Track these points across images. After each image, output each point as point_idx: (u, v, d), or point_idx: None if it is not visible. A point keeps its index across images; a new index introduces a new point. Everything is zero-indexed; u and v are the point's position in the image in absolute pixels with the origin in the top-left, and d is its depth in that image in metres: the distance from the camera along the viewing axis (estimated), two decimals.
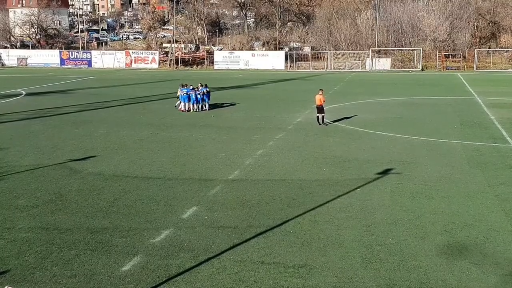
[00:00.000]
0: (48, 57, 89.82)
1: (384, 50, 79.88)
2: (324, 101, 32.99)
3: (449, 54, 78.51)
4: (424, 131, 30.64)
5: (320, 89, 33.60)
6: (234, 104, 42.54)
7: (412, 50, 78.56)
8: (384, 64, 77.08)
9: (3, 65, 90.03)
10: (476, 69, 74.11)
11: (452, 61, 77.51)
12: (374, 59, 77.26)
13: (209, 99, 39.17)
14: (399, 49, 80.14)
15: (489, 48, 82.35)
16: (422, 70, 75.32)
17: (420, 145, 27.55)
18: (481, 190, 19.64)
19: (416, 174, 21.80)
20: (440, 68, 75.92)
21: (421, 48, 77.55)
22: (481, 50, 79.09)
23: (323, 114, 32.93)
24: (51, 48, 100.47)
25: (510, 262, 13.62)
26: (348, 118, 35.40)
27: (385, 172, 21.97)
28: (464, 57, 77.19)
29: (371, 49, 78.48)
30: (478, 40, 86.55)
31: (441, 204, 18.08)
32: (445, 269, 13.24)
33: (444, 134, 29.84)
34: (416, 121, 34.23)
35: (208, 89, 39.40)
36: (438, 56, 77.44)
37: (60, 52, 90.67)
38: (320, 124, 32.65)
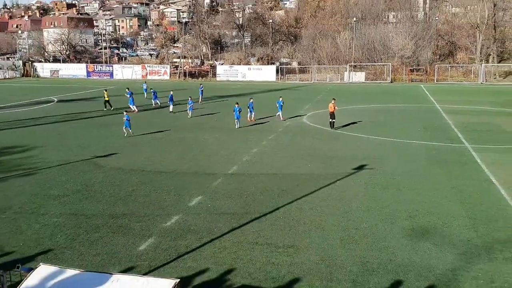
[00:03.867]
0: (76, 70, 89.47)
1: (359, 65, 79.83)
2: (336, 108, 32.39)
3: (413, 69, 78.47)
4: (393, 134, 30.66)
5: (333, 98, 33.32)
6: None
7: (383, 65, 78.49)
8: (359, 76, 77.02)
9: (38, 76, 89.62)
10: (436, 81, 74.11)
11: (416, 75, 77.43)
12: (351, 72, 77.19)
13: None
14: (372, 64, 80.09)
15: (448, 63, 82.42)
16: (391, 82, 75.29)
17: (390, 145, 27.58)
18: (440, 183, 19.68)
19: (386, 169, 21.83)
20: (406, 81, 75.87)
21: (390, 63, 77.49)
22: (441, 65, 79.03)
23: (334, 120, 32.38)
24: (79, 62, 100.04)
25: (464, 243, 13.67)
26: (328, 122, 35.33)
27: (360, 167, 22.00)
28: (426, 71, 77.15)
29: (348, 64, 78.39)
30: (438, 57, 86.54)
31: (407, 195, 18.14)
32: (410, 249, 13.28)
33: (410, 136, 29.86)
34: (386, 125, 34.24)
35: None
36: (405, 70, 77.37)
37: (86, 66, 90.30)
38: (332, 128, 32.12)
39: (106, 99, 44.31)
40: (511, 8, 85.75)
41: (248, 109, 35.76)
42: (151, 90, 48.19)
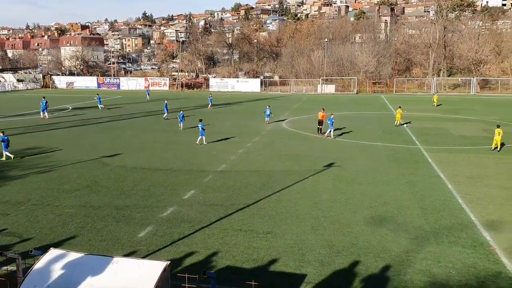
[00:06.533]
0: (89, 82, 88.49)
1: (330, 78, 79.99)
2: (324, 117, 32.13)
3: (376, 82, 78.85)
4: (358, 136, 30.81)
5: (322, 108, 33.31)
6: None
7: (350, 78, 78.74)
8: (330, 88, 77.20)
9: (56, 87, 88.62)
10: (395, 92, 74.54)
11: (378, 87, 77.79)
12: (323, 85, 77.40)
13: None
14: (341, 78, 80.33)
15: (405, 77, 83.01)
16: (357, 93, 75.61)
17: (355, 146, 27.71)
18: (396, 178, 19.81)
19: (351, 167, 21.93)
20: (369, 92, 76.23)
21: (356, 77, 77.76)
22: (399, 78, 79.51)
23: (321, 127, 32.13)
24: (91, 75, 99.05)
25: (415, 229, 13.76)
26: (304, 127, 35.48)
27: (329, 165, 22.07)
28: (387, 84, 77.59)
29: (321, 77, 78.58)
30: (396, 71, 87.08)
31: (368, 188, 18.23)
32: (370, 234, 13.34)
33: (372, 139, 30.03)
34: (352, 129, 34.30)
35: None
36: (368, 83, 77.66)
37: (97, 78, 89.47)
38: (319, 134, 31.81)
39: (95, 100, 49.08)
40: (459, 30, 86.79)
41: (265, 114, 37.47)
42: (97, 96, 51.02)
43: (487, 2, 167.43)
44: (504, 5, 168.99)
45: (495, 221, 14.42)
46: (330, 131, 30.01)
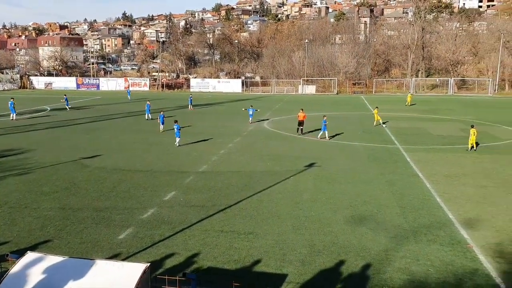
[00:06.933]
0: (67, 83, 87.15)
1: (311, 79, 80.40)
2: (305, 117, 32.27)
3: (355, 82, 79.52)
4: (338, 136, 31.03)
5: (301, 109, 33.27)
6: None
7: (330, 79, 79.30)
8: (311, 89, 77.60)
9: (34, 88, 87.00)
10: (374, 93, 75.28)
11: (358, 87, 78.44)
12: (304, 85, 77.77)
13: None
14: (321, 79, 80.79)
15: (384, 78, 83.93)
16: (337, 93, 76.14)
17: (335, 146, 27.90)
18: (376, 178, 20.00)
19: (331, 166, 22.07)
20: (349, 92, 76.84)
21: (336, 78, 78.34)
22: (378, 79, 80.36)
23: (302, 127, 32.19)
24: (70, 76, 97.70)
25: (395, 227, 13.92)
26: (286, 127, 35.59)
27: (310, 165, 22.18)
28: (366, 85, 78.27)
29: (302, 78, 78.92)
30: (376, 72, 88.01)
31: (348, 187, 18.37)
32: (350, 233, 13.44)
33: (351, 138, 30.28)
34: (332, 129, 34.38)
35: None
36: (348, 84, 78.31)
37: (76, 79, 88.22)
38: (299, 134, 31.86)
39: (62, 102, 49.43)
40: (436, 32, 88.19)
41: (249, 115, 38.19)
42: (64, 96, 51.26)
43: (463, 4, 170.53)
44: (480, 6, 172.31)
45: (472, 219, 14.68)
46: (324, 132, 29.83)
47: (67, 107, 48.98)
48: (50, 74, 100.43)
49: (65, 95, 52.10)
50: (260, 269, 11.14)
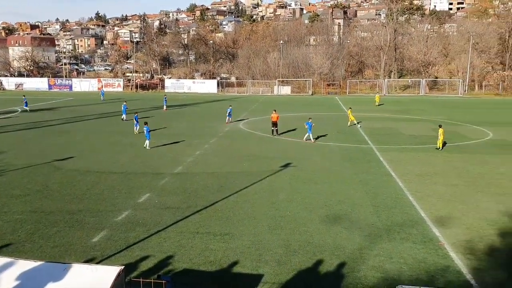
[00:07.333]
0: (39, 83, 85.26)
1: (286, 80, 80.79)
2: (278, 118, 32.22)
3: (330, 83, 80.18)
4: (313, 137, 31.16)
5: (274, 110, 33.17)
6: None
7: (305, 80, 79.81)
8: (286, 90, 77.97)
9: (4, 89, 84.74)
10: (348, 93, 76.07)
11: (332, 88, 79.12)
12: (279, 86, 78.08)
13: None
14: (296, 80, 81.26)
15: (357, 79, 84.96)
16: (312, 94, 76.67)
17: (310, 146, 28.09)
18: (350, 177, 20.24)
19: (307, 167, 22.22)
20: (324, 93, 77.46)
21: (311, 79, 78.89)
22: (352, 80, 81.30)
23: (276, 128, 32.15)
24: (41, 76, 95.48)
25: (369, 226, 14.11)
26: (261, 128, 35.64)
27: (286, 165, 22.28)
28: (340, 85, 79.07)
29: (277, 79, 79.24)
30: (349, 73, 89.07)
31: (323, 187, 18.53)
32: (325, 232, 13.56)
33: (326, 139, 30.53)
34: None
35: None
36: (323, 85, 78.91)
37: (48, 80, 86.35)
38: (273, 135, 31.81)
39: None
40: (408, 33, 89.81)
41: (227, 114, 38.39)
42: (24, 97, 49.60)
43: (434, 6, 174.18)
44: (451, 9, 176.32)
45: (444, 217, 15.01)
46: (309, 134, 29.47)
47: (25, 108, 47.68)
48: (21, 75, 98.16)
49: (23, 95, 51.23)
50: (236, 270, 11.14)
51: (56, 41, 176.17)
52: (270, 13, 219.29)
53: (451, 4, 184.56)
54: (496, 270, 11.27)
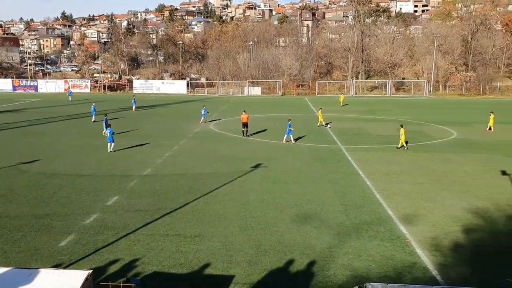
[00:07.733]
0: (3, 85, 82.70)
1: (256, 81, 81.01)
2: (248, 119, 32.20)
3: (299, 84, 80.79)
4: (283, 138, 31.32)
5: (243, 110, 33.10)
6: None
7: (275, 81, 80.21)
8: (256, 90, 78.15)
9: None
10: (317, 94, 76.84)
11: (302, 89, 79.72)
12: (249, 87, 78.20)
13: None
14: (266, 80, 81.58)
15: (326, 80, 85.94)
16: (282, 95, 77.09)
17: (281, 147, 28.24)
18: (320, 177, 20.45)
19: (277, 167, 22.32)
20: (293, 94, 78.01)
21: (281, 80, 79.40)
22: (321, 81, 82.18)
23: (247, 129, 32.08)
24: (5, 77, 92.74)
25: (338, 225, 14.29)
26: (232, 128, 35.61)
27: (257, 166, 22.33)
28: (310, 86, 79.81)
29: (247, 80, 79.39)
30: (318, 74, 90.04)
31: (293, 187, 18.66)
32: (295, 232, 13.66)
33: (297, 139, 30.70)
34: (278, 130, 34.53)
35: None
36: (292, 86, 79.48)
37: (12, 81, 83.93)
38: (244, 136, 31.69)
39: None
40: (375, 35, 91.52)
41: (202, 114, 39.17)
42: None
43: (400, 8, 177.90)
44: (416, 11, 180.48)
45: (410, 214, 15.35)
46: (289, 136, 29.32)
47: None
48: None
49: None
50: (207, 272, 11.09)
51: (20, 41, 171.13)
52: (239, 14, 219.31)
53: (416, 6, 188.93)
54: (461, 266, 11.61)
